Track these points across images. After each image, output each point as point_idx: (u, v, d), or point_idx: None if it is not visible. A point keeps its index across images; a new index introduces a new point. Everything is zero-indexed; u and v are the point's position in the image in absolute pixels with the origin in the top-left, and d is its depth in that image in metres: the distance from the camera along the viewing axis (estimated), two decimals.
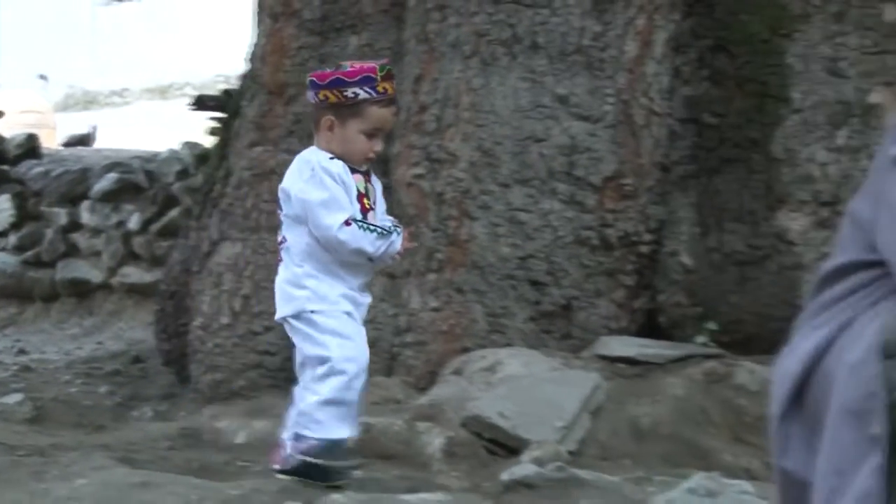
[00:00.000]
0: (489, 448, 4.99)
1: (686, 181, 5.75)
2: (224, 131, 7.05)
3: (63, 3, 25.86)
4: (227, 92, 10.18)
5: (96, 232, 10.17)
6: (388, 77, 4.51)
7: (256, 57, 6.56)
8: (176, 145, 10.63)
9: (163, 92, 24.56)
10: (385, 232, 4.49)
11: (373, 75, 4.47)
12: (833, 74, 5.51)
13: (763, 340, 5.38)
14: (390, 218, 4.63)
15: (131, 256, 9.98)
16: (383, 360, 5.86)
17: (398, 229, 4.55)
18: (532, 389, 5.17)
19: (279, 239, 4.62)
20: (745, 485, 4.38)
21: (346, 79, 4.48)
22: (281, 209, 4.59)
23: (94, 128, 16.95)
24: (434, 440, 4.97)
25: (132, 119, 21.10)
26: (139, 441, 5.48)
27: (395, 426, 5.06)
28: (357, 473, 4.54)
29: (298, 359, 4.59)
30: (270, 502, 4.04)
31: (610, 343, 5.51)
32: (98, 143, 15.84)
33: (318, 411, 4.48)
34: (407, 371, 5.75)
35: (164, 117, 19.31)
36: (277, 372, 6.13)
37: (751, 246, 5.58)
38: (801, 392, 3.16)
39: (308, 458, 4.44)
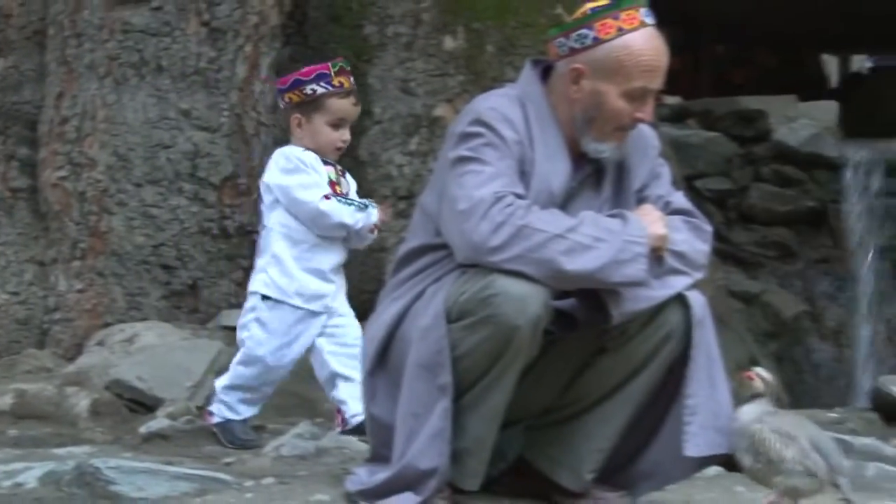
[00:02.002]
0: (130, 407, 4.91)
1: None
2: None
3: None
4: None
5: None
6: (341, 72, 4.28)
7: None
8: None
9: None
10: (363, 206, 4.25)
11: (326, 71, 4.25)
12: (405, 93, 5.62)
13: (356, 310, 5.46)
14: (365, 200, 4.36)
15: None
16: (35, 335, 5.71)
17: (373, 204, 4.31)
18: (165, 356, 5.11)
19: (259, 228, 4.34)
20: None
21: (303, 78, 4.25)
22: (262, 201, 4.30)
23: None
24: (81, 402, 4.86)
25: None
26: None
27: (46, 391, 4.93)
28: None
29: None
30: None
31: (231, 315, 5.48)
32: None
33: (224, 394, 4.29)
34: (56, 344, 5.61)
35: None
36: None
37: None
38: (385, 352, 3.23)
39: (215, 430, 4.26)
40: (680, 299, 3.19)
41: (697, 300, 3.21)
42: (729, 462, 3.19)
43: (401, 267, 3.31)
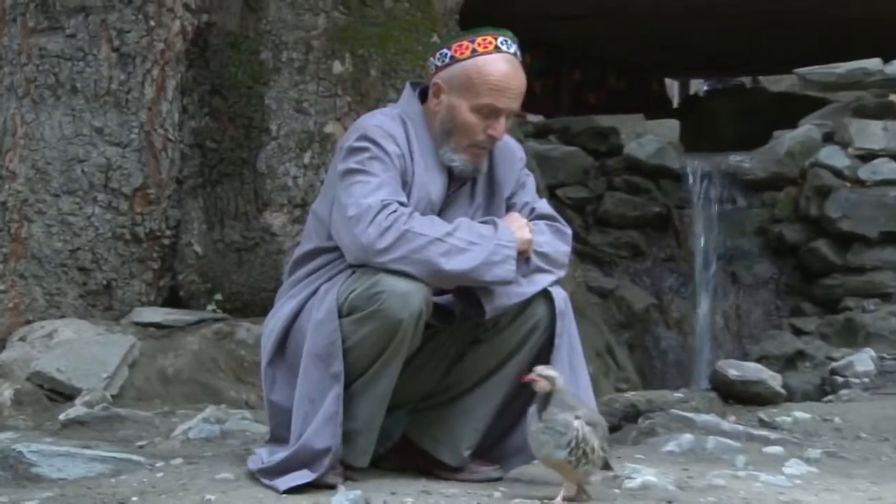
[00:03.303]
0: (50, 396, 4.83)
1: (196, 190, 5.71)
2: None
3: None
4: None
5: None
6: None
7: None
8: None
9: None
10: None
11: None
12: (299, 112, 5.59)
13: (256, 307, 5.43)
14: None
15: None
16: None
17: None
18: (82, 349, 5.04)
19: None
20: (246, 413, 4.42)
21: None
22: None
23: None
24: (5, 392, 4.77)
25: None
26: None
27: None
28: None
29: None
30: None
31: (142, 312, 5.42)
32: None
33: None
34: None
35: None
36: None
37: (245, 237, 5.60)
38: (283, 344, 3.21)
39: None
40: (545, 294, 3.22)
41: (560, 295, 3.24)
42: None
43: (296, 268, 3.30)
